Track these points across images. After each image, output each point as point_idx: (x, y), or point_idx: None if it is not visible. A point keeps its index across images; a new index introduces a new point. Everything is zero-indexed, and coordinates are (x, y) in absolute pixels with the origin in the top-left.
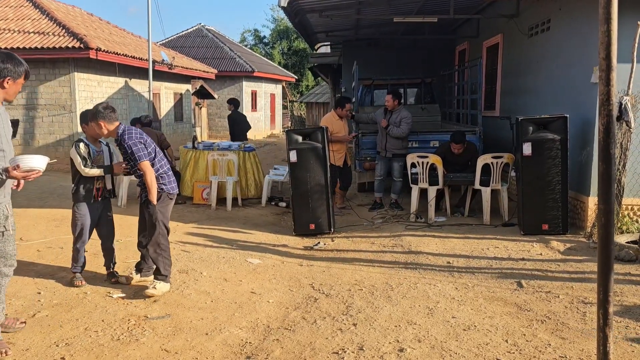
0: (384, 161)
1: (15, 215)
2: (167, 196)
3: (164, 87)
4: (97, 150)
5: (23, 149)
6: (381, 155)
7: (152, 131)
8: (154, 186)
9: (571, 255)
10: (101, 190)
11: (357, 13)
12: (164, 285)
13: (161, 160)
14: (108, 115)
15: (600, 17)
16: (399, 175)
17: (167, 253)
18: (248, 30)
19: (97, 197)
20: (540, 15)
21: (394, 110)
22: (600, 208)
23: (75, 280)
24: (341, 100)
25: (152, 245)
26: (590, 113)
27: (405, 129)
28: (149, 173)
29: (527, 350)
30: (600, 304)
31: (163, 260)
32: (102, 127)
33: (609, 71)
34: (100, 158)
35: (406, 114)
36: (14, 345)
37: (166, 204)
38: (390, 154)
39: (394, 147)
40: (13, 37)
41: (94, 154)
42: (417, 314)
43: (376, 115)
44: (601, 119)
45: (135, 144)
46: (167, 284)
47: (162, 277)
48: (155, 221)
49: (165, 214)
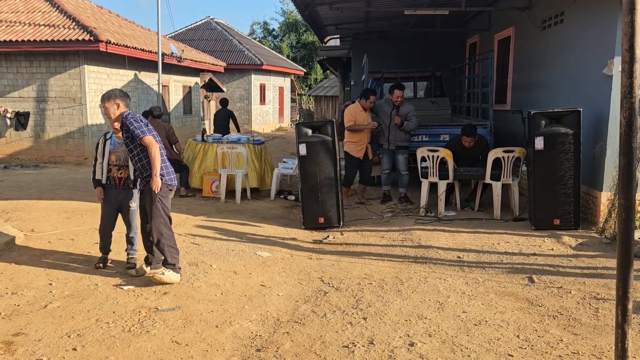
0: (388, 154)
1: (26, 207)
2: (167, 187)
3: (173, 80)
4: (119, 142)
5: (34, 141)
6: (384, 148)
7: (160, 124)
8: (158, 160)
9: (583, 250)
10: (124, 179)
11: (367, 5)
12: (173, 274)
13: (161, 149)
14: (125, 99)
15: (624, 8)
16: (405, 168)
17: (172, 242)
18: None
19: (118, 185)
20: (554, 8)
21: (400, 104)
22: (621, 203)
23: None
24: (366, 92)
25: (156, 234)
26: (604, 107)
27: (416, 122)
28: (153, 147)
29: (539, 345)
30: (619, 300)
31: (169, 249)
32: (118, 106)
33: (632, 63)
34: (123, 150)
35: (411, 107)
36: (27, 336)
37: (166, 194)
38: (394, 146)
39: (398, 140)
40: (24, 29)
41: (115, 145)
42: (428, 308)
43: (380, 108)
44: (622, 112)
45: (137, 121)
46: (177, 275)
47: (171, 266)
48: (156, 209)
49: (165, 204)
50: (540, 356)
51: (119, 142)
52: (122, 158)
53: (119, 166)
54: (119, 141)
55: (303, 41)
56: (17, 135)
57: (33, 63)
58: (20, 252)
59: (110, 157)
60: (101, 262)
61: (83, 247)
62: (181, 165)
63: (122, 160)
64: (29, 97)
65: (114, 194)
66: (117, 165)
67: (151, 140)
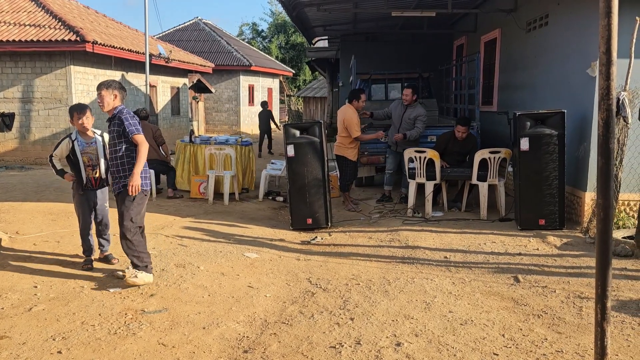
0: (394, 155)
1: (11, 209)
2: (142, 192)
3: (161, 80)
4: (87, 142)
5: (19, 143)
6: (392, 149)
7: (147, 125)
8: (144, 160)
9: (567, 250)
10: (99, 179)
11: (355, 7)
12: (145, 275)
13: None
14: (122, 92)
15: (601, 11)
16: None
17: (142, 247)
18: (246, 24)
19: (94, 185)
20: (539, 10)
21: (410, 105)
22: (599, 203)
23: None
24: (356, 93)
25: (124, 239)
26: (587, 108)
27: (421, 128)
28: (144, 146)
29: (524, 344)
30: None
31: (139, 254)
32: (115, 97)
33: (609, 65)
34: (93, 149)
35: (422, 112)
36: (10, 340)
37: (142, 201)
38: (402, 149)
39: (405, 142)
40: (9, 29)
41: (83, 146)
42: (414, 308)
43: (394, 109)
44: (601, 114)
45: (132, 118)
46: (150, 275)
47: (143, 268)
48: (129, 214)
49: (139, 210)
50: (524, 355)
51: (86, 142)
52: (94, 157)
53: (92, 166)
54: (86, 141)
55: (292, 42)
56: (2, 136)
57: (18, 63)
58: (4, 255)
59: (83, 158)
60: (87, 264)
61: (69, 249)
62: (168, 167)
63: (93, 160)
64: (14, 98)
65: (92, 196)
66: (90, 166)
67: (143, 139)
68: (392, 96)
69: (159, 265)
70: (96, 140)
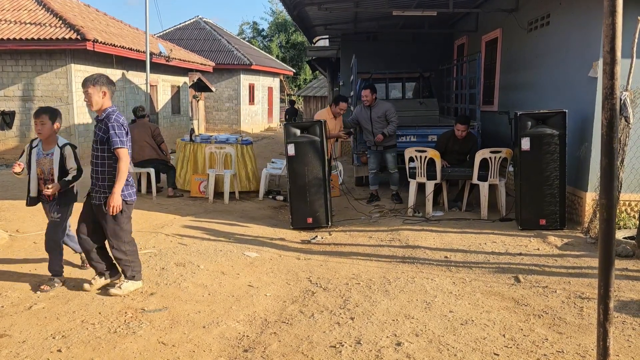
0: (375, 154)
1: (11, 207)
2: (125, 204)
3: (162, 79)
4: (45, 153)
5: (19, 141)
6: (372, 149)
7: (146, 124)
8: (124, 176)
9: (568, 250)
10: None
11: (356, 6)
12: (131, 284)
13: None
14: (112, 88)
15: (605, 10)
16: (394, 167)
17: (135, 255)
18: (246, 23)
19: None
20: (540, 10)
21: (372, 105)
22: (602, 203)
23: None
24: (337, 98)
25: (118, 252)
26: (589, 108)
27: (396, 120)
28: (124, 162)
29: (525, 344)
30: (600, 299)
31: (131, 264)
32: (104, 95)
33: (613, 64)
34: (47, 162)
35: (387, 106)
36: (10, 338)
37: (125, 214)
38: (382, 147)
39: (384, 141)
40: (9, 27)
41: (40, 155)
42: (415, 308)
43: (357, 115)
44: (604, 113)
45: (120, 127)
46: (137, 282)
47: (129, 277)
48: (114, 227)
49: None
50: (525, 355)
51: (44, 152)
52: (47, 171)
53: (44, 180)
54: (44, 151)
55: (292, 41)
56: (3, 134)
57: (19, 62)
58: (4, 253)
59: (37, 170)
60: (86, 264)
61: (68, 248)
62: (167, 166)
63: (46, 174)
64: (14, 96)
65: (48, 208)
66: (42, 179)
67: (125, 153)
68: (392, 95)
69: (159, 264)
70: (53, 152)
